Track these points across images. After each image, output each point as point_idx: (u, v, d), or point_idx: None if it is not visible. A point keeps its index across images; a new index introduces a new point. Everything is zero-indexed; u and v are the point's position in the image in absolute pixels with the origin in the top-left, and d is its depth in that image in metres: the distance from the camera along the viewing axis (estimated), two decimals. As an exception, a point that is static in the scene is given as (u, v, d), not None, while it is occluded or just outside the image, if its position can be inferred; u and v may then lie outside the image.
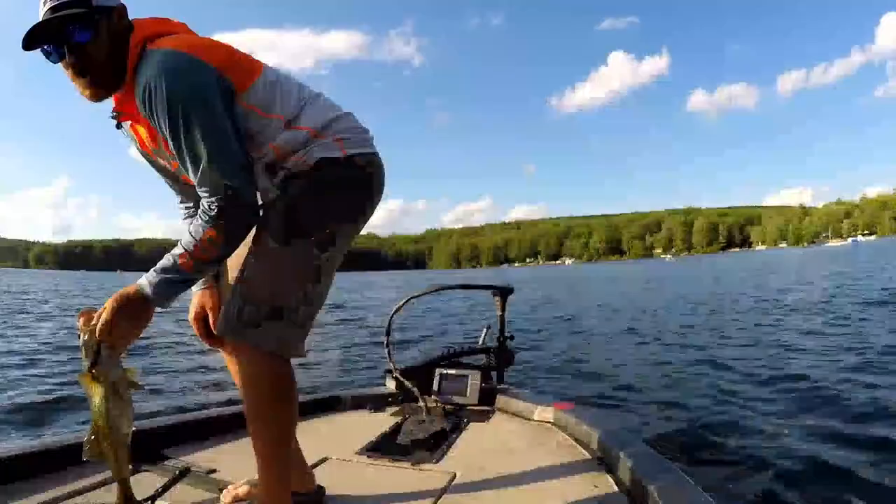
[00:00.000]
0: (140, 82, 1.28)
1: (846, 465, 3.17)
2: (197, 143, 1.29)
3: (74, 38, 1.27)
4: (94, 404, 1.29)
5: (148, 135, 1.43)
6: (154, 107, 1.27)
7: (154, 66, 1.27)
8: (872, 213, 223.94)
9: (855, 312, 10.33)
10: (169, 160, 1.48)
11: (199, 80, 1.29)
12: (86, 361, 1.27)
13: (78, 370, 1.31)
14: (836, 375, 5.37)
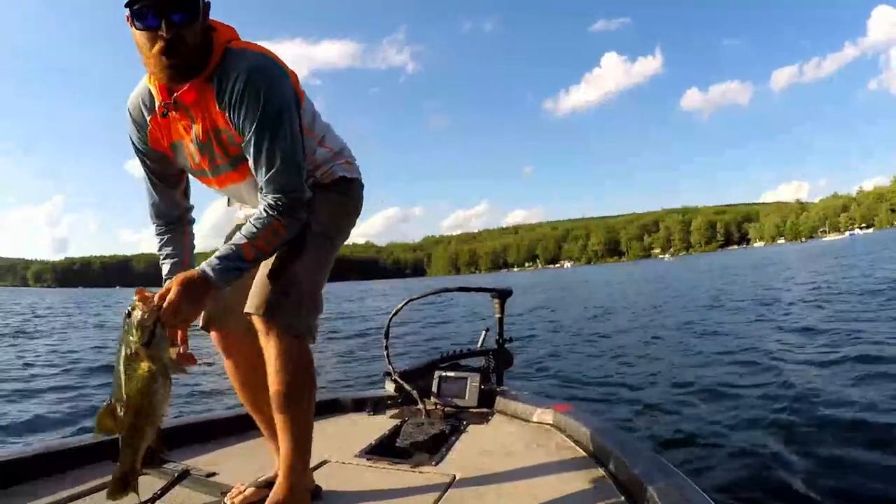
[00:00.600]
0: (232, 77, 1.40)
1: (849, 464, 3.19)
2: (278, 145, 1.43)
3: (176, 16, 1.31)
4: (135, 383, 1.27)
5: (200, 127, 1.49)
6: (245, 102, 1.40)
7: (251, 66, 1.41)
8: (869, 206, 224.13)
9: (848, 306, 10.36)
10: (203, 156, 1.55)
11: (288, 88, 1.46)
12: (135, 338, 1.26)
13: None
14: (836, 374, 5.37)
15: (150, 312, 1.28)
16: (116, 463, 1.35)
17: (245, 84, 1.39)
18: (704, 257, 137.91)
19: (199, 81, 1.42)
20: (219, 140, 1.51)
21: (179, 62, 1.36)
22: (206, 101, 1.45)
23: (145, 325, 1.27)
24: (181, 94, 1.43)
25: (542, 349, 8.79)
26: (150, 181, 1.66)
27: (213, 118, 1.47)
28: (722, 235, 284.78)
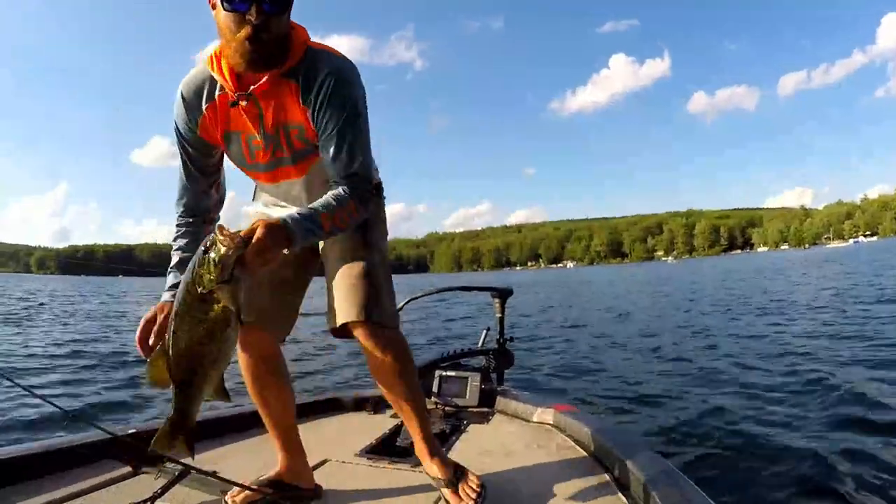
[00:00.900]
0: (320, 76, 1.44)
1: (850, 466, 3.18)
2: (358, 139, 1.51)
3: (267, 3, 1.31)
4: (205, 326, 1.19)
5: (270, 120, 1.50)
6: (334, 101, 1.45)
7: (339, 67, 1.47)
8: (874, 214, 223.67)
9: (856, 312, 10.33)
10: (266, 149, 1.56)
11: (363, 89, 1.53)
12: (213, 275, 1.16)
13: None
14: (839, 376, 5.35)
15: (235, 249, 1.19)
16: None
17: (335, 84, 1.44)
18: (708, 261, 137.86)
19: (277, 75, 1.43)
20: (287, 135, 1.53)
21: (262, 51, 1.35)
22: (283, 95, 1.47)
23: (227, 261, 1.18)
24: (259, 86, 1.43)
25: (543, 349, 8.79)
26: (186, 170, 1.62)
27: (286, 113, 1.49)
28: (725, 239, 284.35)
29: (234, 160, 1.64)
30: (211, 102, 1.50)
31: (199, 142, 1.57)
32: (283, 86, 1.45)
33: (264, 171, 1.63)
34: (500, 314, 3.13)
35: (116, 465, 1.94)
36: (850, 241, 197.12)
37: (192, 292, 1.19)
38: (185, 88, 1.53)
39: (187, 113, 1.54)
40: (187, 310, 1.19)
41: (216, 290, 1.17)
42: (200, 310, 1.19)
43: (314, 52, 1.47)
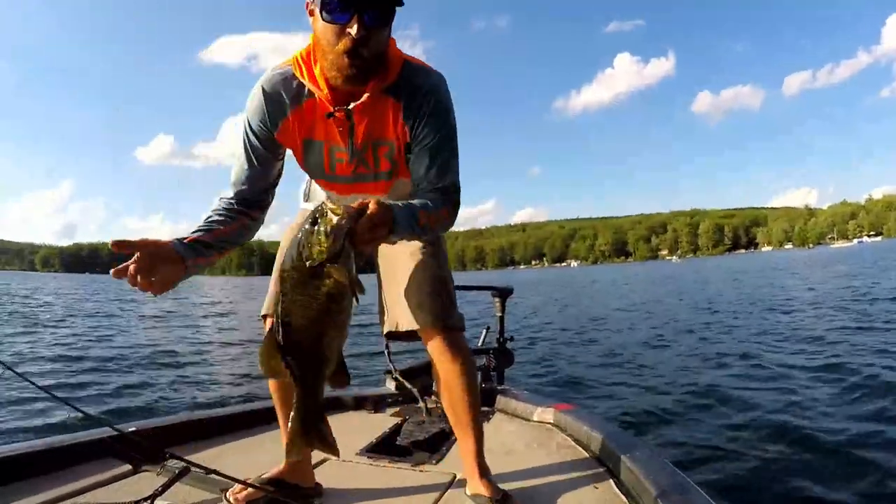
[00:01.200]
0: (422, 91, 1.46)
1: (851, 468, 3.18)
2: (454, 154, 1.55)
3: (370, 15, 1.29)
4: (318, 303, 1.11)
5: (362, 135, 1.49)
6: (437, 116, 1.48)
7: (439, 83, 1.50)
8: (878, 214, 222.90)
9: (857, 315, 10.30)
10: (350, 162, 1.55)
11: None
12: (325, 246, 1.09)
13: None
14: (842, 381, 5.32)
15: (347, 219, 1.12)
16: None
17: (436, 104, 1.47)
18: (712, 260, 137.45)
19: (376, 90, 1.41)
20: (374, 152, 1.53)
21: (361, 66, 1.33)
22: (381, 112, 1.46)
23: (340, 232, 1.10)
24: (360, 102, 1.41)
25: (543, 348, 8.79)
26: (250, 167, 1.56)
27: (380, 130, 1.49)
28: (730, 239, 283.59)
29: (310, 167, 1.62)
30: (297, 107, 1.47)
31: (272, 143, 1.54)
32: (384, 102, 1.45)
33: (343, 182, 1.62)
34: (501, 313, 3.13)
35: (117, 463, 1.94)
36: (855, 241, 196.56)
37: (299, 268, 1.11)
38: (270, 88, 1.49)
39: (268, 113, 1.50)
40: (297, 287, 1.11)
41: (328, 263, 1.09)
42: (312, 285, 1.10)
43: (411, 67, 1.47)
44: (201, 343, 10.78)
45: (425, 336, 1.69)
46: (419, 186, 1.53)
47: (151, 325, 14.62)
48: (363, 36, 1.28)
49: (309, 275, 1.10)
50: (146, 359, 8.47)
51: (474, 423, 1.73)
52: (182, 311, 19.39)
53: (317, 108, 1.46)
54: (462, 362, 1.67)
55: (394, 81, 1.43)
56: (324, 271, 1.09)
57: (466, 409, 1.71)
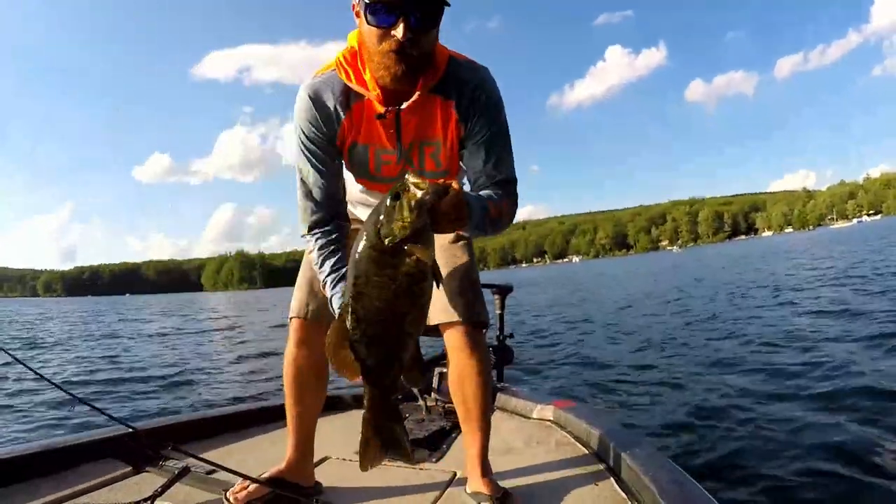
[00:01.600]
0: (471, 87, 1.47)
1: (852, 463, 3.16)
2: (508, 142, 1.55)
3: (415, 17, 1.28)
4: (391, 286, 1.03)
5: (410, 136, 1.50)
6: (489, 110, 1.49)
7: (487, 77, 1.50)
8: (877, 193, 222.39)
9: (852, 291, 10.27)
10: (397, 164, 1.55)
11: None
12: (406, 221, 1.00)
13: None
14: (841, 371, 5.29)
15: (432, 194, 1.03)
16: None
17: (488, 95, 1.48)
18: (713, 248, 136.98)
19: (424, 89, 1.41)
20: (420, 152, 1.54)
21: (409, 66, 1.32)
22: (430, 111, 1.47)
23: (424, 206, 1.01)
24: (411, 102, 1.40)
25: (542, 346, 8.79)
26: (322, 176, 1.53)
27: (428, 130, 1.50)
28: (729, 226, 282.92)
29: (354, 170, 1.62)
30: (347, 111, 1.47)
31: (333, 150, 1.53)
32: (432, 101, 1.45)
33: (384, 183, 1.61)
34: (500, 311, 3.14)
35: (117, 463, 1.96)
36: (854, 220, 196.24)
37: (376, 247, 1.02)
38: (315, 94, 1.48)
39: (322, 120, 1.48)
40: (374, 268, 1.02)
41: (409, 241, 1.01)
42: (390, 265, 1.02)
43: (457, 63, 1.47)
44: (203, 352, 10.79)
45: (447, 329, 1.71)
46: (477, 182, 1.55)
47: (156, 340, 14.62)
48: (410, 39, 1.28)
49: (388, 253, 1.01)
50: (150, 366, 8.50)
51: (483, 421, 1.76)
52: (187, 328, 19.39)
53: (365, 110, 1.46)
54: (479, 359, 1.70)
55: (441, 79, 1.43)
56: (404, 250, 1.01)
57: (477, 407, 1.74)
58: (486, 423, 1.77)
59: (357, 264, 1.04)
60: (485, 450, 1.77)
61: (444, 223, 1.13)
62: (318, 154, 1.52)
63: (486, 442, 1.77)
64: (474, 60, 1.52)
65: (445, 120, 1.48)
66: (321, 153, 1.52)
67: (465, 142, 1.52)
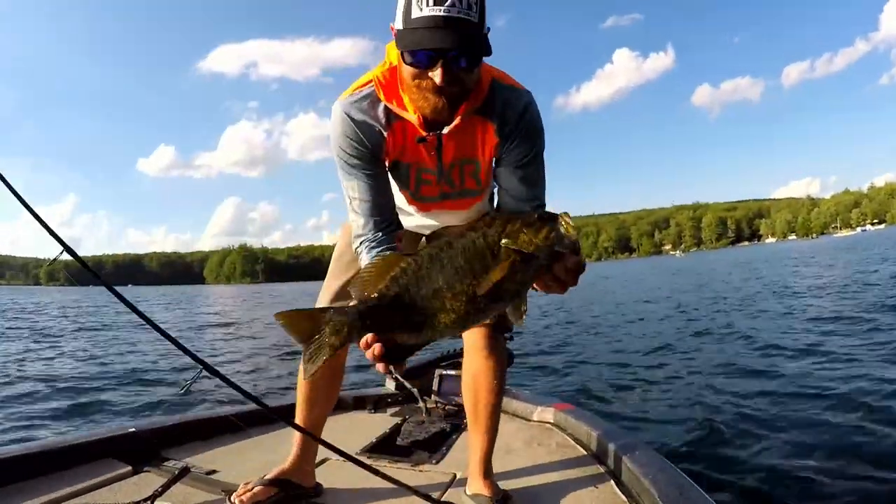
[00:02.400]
0: (515, 111, 1.44)
1: (851, 464, 3.17)
2: (542, 166, 1.54)
3: (458, 61, 1.23)
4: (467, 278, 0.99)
5: (452, 156, 1.49)
6: (530, 134, 1.47)
7: (530, 101, 1.47)
8: (881, 202, 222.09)
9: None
10: (438, 183, 1.55)
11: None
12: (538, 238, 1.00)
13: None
14: (840, 374, 5.33)
15: (571, 242, 1.04)
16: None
17: (530, 120, 1.46)
18: (716, 254, 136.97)
19: (468, 113, 1.37)
20: (461, 171, 1.53)
21: (448, 102, 1.29)
22: (471, 133, 1.45)
23: (560, 240, 1.03)
24: (452, 126, 1.37)
25: (542, 348, 8.78)
26: (371, 188, 1.50)
27: (469, 150, 1.49)
28: (733, 232, 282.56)
29: (397, 185, 1.61)
30: (389, 131, 1.45)
31: (378, 162, 1.50)
32: (473, 123, 1.43)
33: (427, 201, 1.63)
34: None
35: (117, 463, 1.96)
36: (858, 229, 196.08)
37: (477, 242, 1.00)
38: (356, 114, 1.44)
39: (365, 137, 1.45)
40: (464, 254, 1.00)
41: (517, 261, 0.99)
42: (479, 259, 1.00)
43: (500, 87, 1.44)
44: (204, 348, 10.79)
45: (473, 331, 1.72)
46: (505, 201, 1.56)
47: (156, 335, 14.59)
48: (451, 79, 1.23)
49: (485, 247, 1.00)
50: (148, 364, 8.49)
51: (491, 424, 1.76)
52: (188, 322, 19.42)
53: (406, 130, 1.44)
54: (496, 362, 1.71)
55: (484, 101, 1.41)
56: (499, 254, 0.99)
57: (488, 408, 1.74)
58: (494, 426, 1.77)
59: (448, 245, 1.02)
60: (489, 453, 1.77)
61: (550, 280, 1.08)
62: (363, 167, 1.48)
63: (491, 445, 1.77)
64: (517, 83, 1.49)
65: (484, 140, 1.47)
66: (366, 166, 1.48)
67: (500, 161, 1.51)
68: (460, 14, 1.17)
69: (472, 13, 1.18)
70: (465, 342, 1.76)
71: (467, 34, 1.19)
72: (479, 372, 1.72)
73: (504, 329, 1.75)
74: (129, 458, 1.99)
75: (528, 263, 1.00)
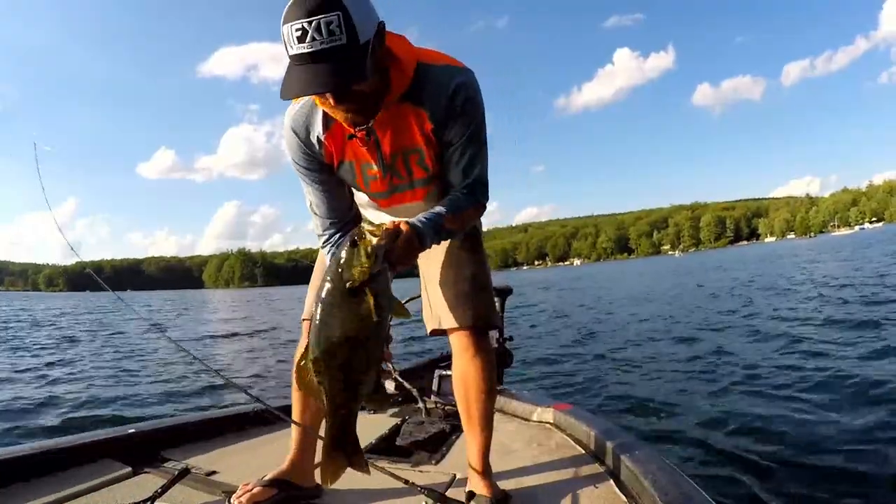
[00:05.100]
0: (445, 92, 1.41)
1: (853, 464, 3.17)
2: (482, 149, 1.52)
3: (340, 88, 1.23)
4: (356, 322, 1.11)
5: (389, 148, 1.48)
6: (463, 114, 1.43)
7: (464, 80, 1.43)
8: (880, 200, 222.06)
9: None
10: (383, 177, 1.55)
11: (482, 97, 1.49)
12: (365, 265, 1.10)
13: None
14: (838, 372, 5.32)
15: (387, 239, 1.15)
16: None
17: (465, 97, 1.42)
18: (714, 253, 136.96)
19: (394, 103, 1.39)
20: (405, 161, 1.52)
21: (355, 109, 1.31)
22: (403, 121, 1.45)
23: (379, 252, 1.13)
24: (381, 120, 1.40)
25: (542, 348, 8.78)
26: (325, 195, 1.60)
27: (406, 139, 1.48)
28: (731, 231, 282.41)
29: (348, 184, 1.64)
30: (327, 132, 1.48)
31: (326, 167, 1.56)
32: (403, 110, 1.43)
33: (379, 197, 1.64)
34: (500, 313, 3.14)
35: (117, 464, 1.96)
36: (856, 227, 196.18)
37: (338, 288, 1.11)
38: (295, 123, 1.51)
39: (306, 148, 1.52)
40: (334, 307, 1.11)
41: (367, 283, 1.10)
42: (349, 305, 1.11)
43: (428, 69, 1.42)
44: (201, 351, 10.79)
45: (452, 332, 1.72)
46: (448, 185, 1.55)
47: (155, 337, 14.62)
48: (342, 96, 1.26)
49: (348, 294, 1.10)
50: (147, 365, 8.50)
51: (486, 424, 1.76)
52: (188, 322, 19.41)
53: (344, 129, 1.45)
54: (483, 361, 1.71)
55: (409, 86, 1.40)
56: (364, 290, 1.10)
57: (480, 408, 1.73)
58: (489, 425, 1.77)
59: (321, 304, 1.13)
60: (486, 452, 1.77)
61: (398, 263, 1.22)
62: (312, 174, 1.56)
63: (487, 444, 1.77)
64: (453, 62, 1.47)
65: (420, 126, 1.45)
66: (315, 173, 1.56)
67: (442, 146, 1.50)
68: (324, 45, 1.16)
69: (336, 38, 1.15)
70: (452, 344, 1.75)
71: (337, 61, 1.18)
72: (466, 372, 1.72)
73: (489, 327, 1.75)
74: (129, 458, 1.99)
75: (378, 291, 1.12)
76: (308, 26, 1.14)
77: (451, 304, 1.71)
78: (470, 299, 1.70)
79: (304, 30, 1.15)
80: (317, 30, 1.14)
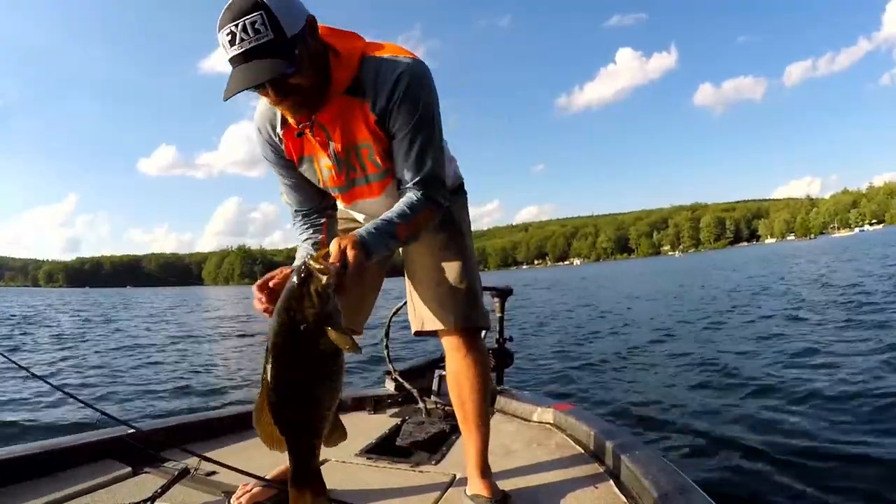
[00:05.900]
0: (387, 83, 1.40)
1: (854, 465, 3.17)
2: (429, 142, 1.47)
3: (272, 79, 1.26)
4: (313, 362, 1.09)
5: (340, 143, 1.49)
6: (406, 105, 1.41)
7: (408, 70, 1.41)
8: (880, 202, 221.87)
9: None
10: (339, 172, 1.56)
11: (435, 89, 1.48)
12: (316, 308, 1.08)
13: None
14: (838, 372, 5.34)
15: (335, 276, 1.10)
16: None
17: (407, 88, 1.40)
18: (714, 254, 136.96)
19: (339, 97, 1.41)
20: (358, 156, 1.52)
21: (297, 102, 1.35)
22: (350, 115, 1.45)
23: (330, 291, 1.09)
24: (321, 115, 1.43)
25: (542, 348, 8.78)
26: (293, 188, 1.66)
27: (354, 133, 1.48)
28: (731, 232, 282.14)
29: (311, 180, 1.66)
30: (286, 130, 1.52)
31: (290, 163, 1.60)
32: (349, 104, 1.43)
33: (339, 192, 1.64)
34: (500, 314, 3.13)
35: (117, 464, 1.96)
36: (856, 229, 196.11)
37: (292, 331, 1.08)
38: (260, 123, 1.57)
39: (271, 146, 1.58)
40: (289, 350, 1.08)
41: (321, 324, 1.08)
42: (305, 347, 1.08)
43: (372, 60, 1.42)
44: (201, 349, 10.80)
45: (443, 335, 1.73)
46: (400, 182, 1.52)
47: (153, 332, 14.63)
48: (279, 90, 1.30)
49: (302, 338, 1.08)
50: (147, 363, 8.50)
51: (481, 423, 1.77)
52: (184, 322, 19.40)
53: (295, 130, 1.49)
54: (475, 360, 1.72)
55: (353, 80, 1.41)
56: (318, 331, 1.08)
57: (474, 408, 1.75)
58: (485, 424, 1.78)
59: (274, 347, 1.09)
60: (484, 452, 1.77)
61: (349, 290, 1.18)
62: (279, 168, 1.63)
63: (484, 444, 1.78)
64: (402, 52, 1.46)
65: (366, 119, 1.45)
66: (281, 168, 1.62)
67: (390, 137, 1.49)
68: (252, 43, 1.21)
69: (262, 35, 1.20)
70: (444, 346, 1.76)
71: (266, 55, 1.22)
72: (458, 372, 1.73)
73: (479, 328, 1.76)
74: (129, 458, 1.99)
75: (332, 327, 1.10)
76: (236, 29, 1.20)
77: (432, 305, 1.72)
78: (452, 301, 1.70)
79: (232, 33, 1.21)
80: (243, 31, 1.20)
